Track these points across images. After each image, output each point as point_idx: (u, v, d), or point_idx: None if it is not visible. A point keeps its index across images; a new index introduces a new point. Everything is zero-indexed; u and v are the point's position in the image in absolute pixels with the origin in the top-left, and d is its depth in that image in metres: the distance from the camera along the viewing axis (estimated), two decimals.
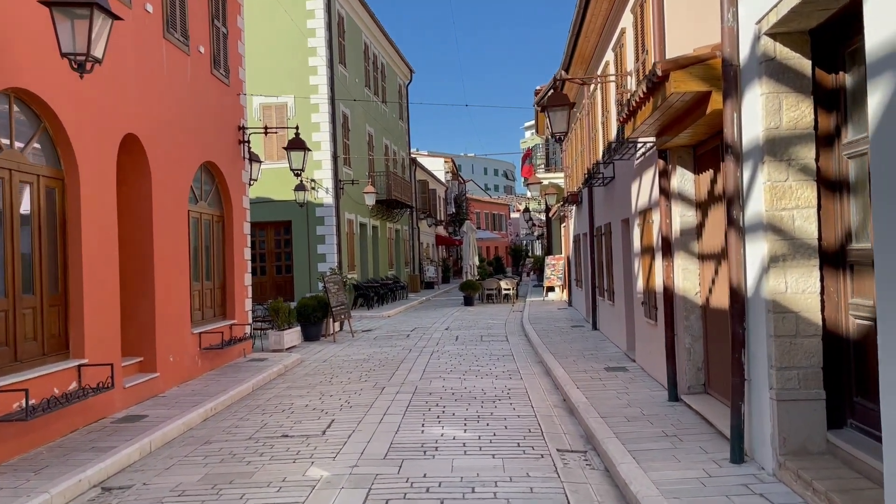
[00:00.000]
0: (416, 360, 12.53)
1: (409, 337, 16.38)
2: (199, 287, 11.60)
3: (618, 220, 12.03)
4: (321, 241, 22.30)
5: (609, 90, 12.47)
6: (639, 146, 9.34)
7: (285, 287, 22.81)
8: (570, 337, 14.45)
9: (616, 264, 12.41)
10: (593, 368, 10.43)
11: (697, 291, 7.81)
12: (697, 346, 7.80)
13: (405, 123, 35.91)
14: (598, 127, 14.25)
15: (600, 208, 14.28)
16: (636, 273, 10.41)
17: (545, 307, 22.76)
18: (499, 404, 8.69)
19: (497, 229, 69.38)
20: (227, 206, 12.76)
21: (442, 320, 20.38)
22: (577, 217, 19.62)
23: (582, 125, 16.83)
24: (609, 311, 13.49)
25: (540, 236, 61.72)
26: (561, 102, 10.05)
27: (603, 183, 13.28)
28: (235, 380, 10.57)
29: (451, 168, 51.49)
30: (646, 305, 9.62)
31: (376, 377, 10.92)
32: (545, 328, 16.28)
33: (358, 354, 13.65)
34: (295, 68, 22.25)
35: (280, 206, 22.35)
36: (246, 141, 13.28)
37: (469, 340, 15.34)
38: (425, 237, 41.45)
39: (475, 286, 25.86)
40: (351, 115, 24.87)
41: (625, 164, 11.00)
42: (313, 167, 22.34)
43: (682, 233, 7.86)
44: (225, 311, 12.70)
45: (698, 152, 7.68)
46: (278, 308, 14.75)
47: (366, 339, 16.20)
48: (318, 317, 16.38)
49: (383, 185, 27.49)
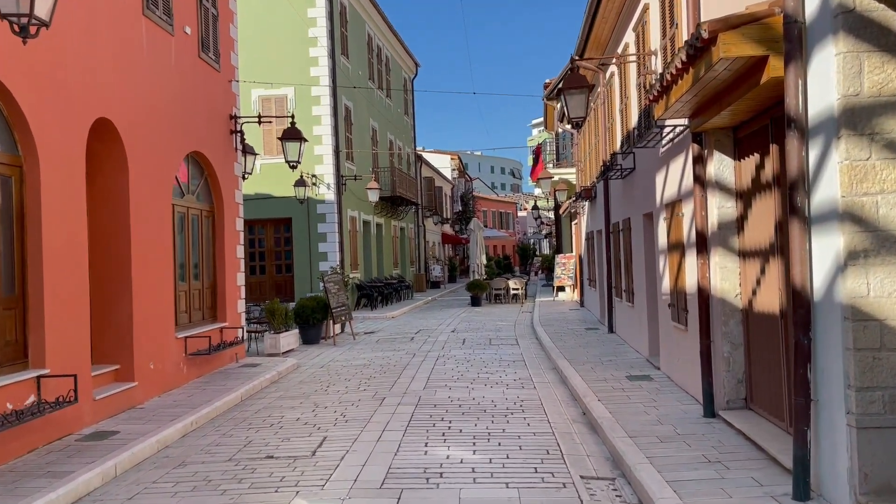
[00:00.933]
0: (419, 366, 11.63)
1: (413, 340, 15.49)
2: (185, 288, 10.73)
3: (639, 214, 11.10)
4: (322, 240, 21.42)
5: (629, 75, 11.54)
6: (665, 132, 8.41)
7: (285, 287, 21.95)
8: (585, 340, 13.52)
9: (636, 263, 11.48)
10: (614, 377, 9.51)
11: (738, 293, 6.88)
12: (738, 356, 6.87)
13: (410, 119, 35.01)
14: (615, 116, 13.32)
15: (618, 203, 13.35)
16: (661, 272, 9.49)
17: (556, 308, 21.83)
18: (511, 419, 7.78)
19: (504, 228, 68.45)
20: (218, 201, 11.88)
21: (448, 322, 19.48)
22: (590, 213, 18.69)
23: (596, 116, 15.89)
24: (628, 313, 12.56)
25: (548, 235, 60.82)
26: (579, 84, 9.15)
27: (621, 175, 12.35)
28: (223, 388, 9.70)
29: (457, 165, 50.58)
30: (674, 308, 8.69)
31: (376, 386, 10.03)
32: (557, 331, 15.36)
33: (358, 359, 12.77)
34: (295, 59, 21.38)
35: (280, 202, 21.48)
36: (238, 131, 12.41)
37: (477, 344, 14.44)
38: (431, 235, 40.56)
39: (482, 286, 24.96)
40: (354, 109, 23.99)
41: (647, 154, 10.08)
42: (314, 162, 21.48)
43: (721, 226, 6.93)
44: (215, 313, 11.83)
45: (739, 134, 6.75)
46: (274, 309, 13.88)
47: (367, 342, 15.32)
48: (318, 318, 15.51)
49: (387, 181, 26.59)
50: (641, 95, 10.25)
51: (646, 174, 10.39)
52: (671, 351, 8.98)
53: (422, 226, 36.42)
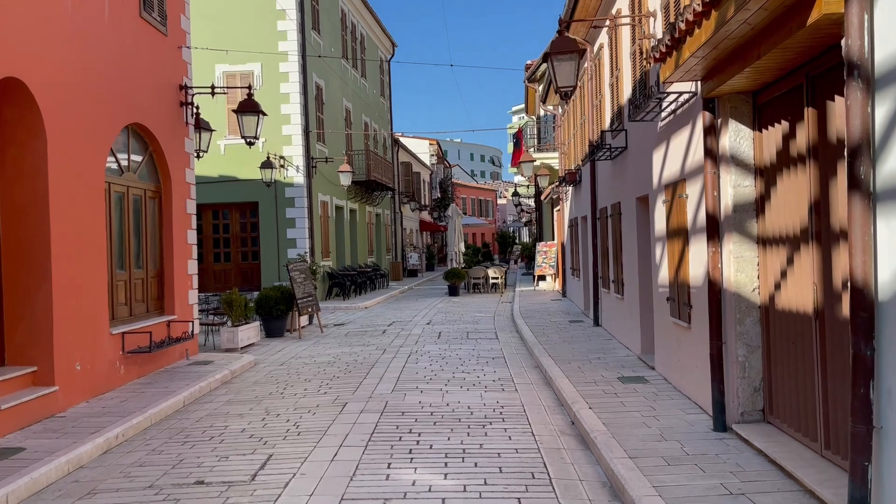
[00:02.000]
0: (389, 364, 10.56)
1: (385, 333, 14.40)
2: (125, 277, 9.54)
3: (631, 198, 10.08)
4: (291, 225, 20.20)
5: (620, 45, 10.49)
6: (667, 103, 7.37)
7: (252, 275, 20.73)
8: (570, 335, 12.52)
9: (628, 251, 10.48)
10: (604, 378, 8.50)
11: (755, 287, 5.88)
12: (755, 360, 5.88)
13: (387, 101, 33.74)
14: (604, 91, 12.27)
15: (606, 186, 12.33)
16: (658, 262, 8.47)
17: (537, 298, 20.85)
18: (490, 430, 6.73)
19: (484, 215, 67.44)
20: (166, 180, 10.67)
21: (424, 313, 18.41)
22: (574, 199, 17.67)
23: (582, 94, 14.84)
24: (616, 305, 11.57)
25: (528, 222, 59.87)
26: (568, 48, 8.05)
27: (610, 156, 11.31)
28: (164, 391, 8.55)
29: (436, 151, 49.38)
30: (673, 303, 7.69)
31: (339, 388, 8.94)
32: (539, 323, 14.36)
33: (323, 355, 11.66)
34: (262, 33, 20.06)
35: (246, 185, 20.22)
36: (189, 103, 11.17)
37: (453, 338, 13.39)
38: (408, 222, 39.40)
39: (461, 275, 23.91)
40: (326, 88, 22.72)
41: (643, 130, 9.04)
42: (282, 143, 20.23)
43: (736, 209, 5.91)
44: (162, 305, 10.64)
45: (760, 100, 5.72)
46: (232, 300, 12.70)
47: (336, 336, 14.20)
48: (282, 310, 14.36)
49: (362, 164, 25.38)
50: (637, 64, 9.21)
51: (640, 153, 9.35)
52: (670, 350, 7.98)
53: (398, 212, 35.26)
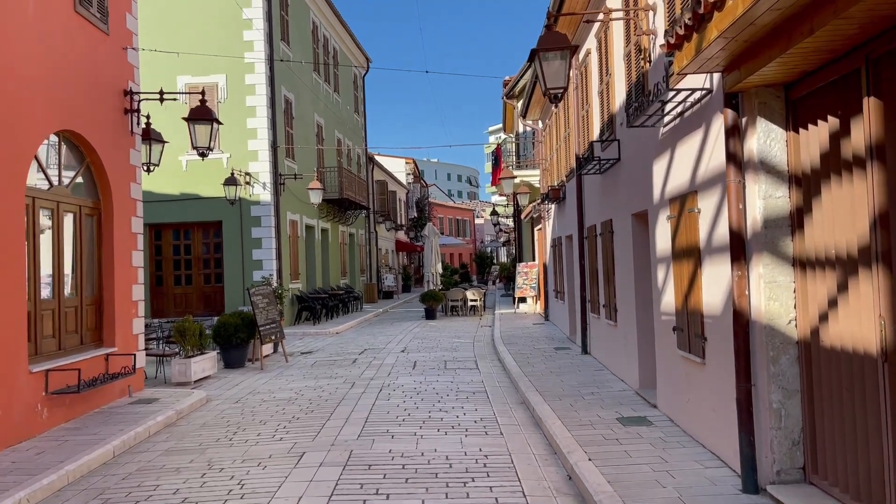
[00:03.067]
0: (358, 401, 9.42)
1: (355, 363, 13.24)
2: (52, 306, 8.34)
3: (625, 214, 9.11)
4: (257, 245, 19.00)
5: (611, 47, 9.59)
6: (669, 107, 6.43)
7: (214, 299, 19.46)
8: (557, 364, 11.48)
9: (621, 273, 9.49)
10: (601, 419, 7.46)
11: (792, 318, 4.89)
12: (793, 407, 4.87)
13: (361, 118, 32.75)
14: (591, 101, 11.36)
15: (595, 202, 11.38)
16: (661, 286, 7.48)
17: (518, 321, 19.81)
18: (473, 490, 5.64)
19: (461, 235, 66.52)
20: (106, 196, 9.51)
21: (398, 338, 17.28)
22: (557, 217, 16.73)
23: (567, 105, 13.95)
24: (608, 333, 10.56)
25: (506, 242, 59.03)
26: (557, 45, 7.07)
27: (600, 169, 10.36)
28: (93, 439, 7.34)
29: (412, 170, 48.45)
30: (681, 333, 6.69)
31: (298, 432, 7.79)
32: (522, 351, 13.30)
33: (285, 390, 10.49)
34: (228, 43, 19.00)
35: (209, 203, 19.03)
36: (135, 110, 10.05)
37: (430, 367, 12.28)
38: (384, 242, 38.29)
39: (438, 297, 22.82)
40: (296, 102, 21.67)
41: (640, 138, 8.10)
42: (248, 158, 19.10)
43: (767, 224, 4.93)
44: (101, 335, 9.43)
45: (795, 94, 4.77)
46: (185, 329, 11.49)
47: (301, 366, 13.02)
48: (243, 338, 13.16)
49: (335, 182, 24.30)
50: (632, 66, 8.29)
51: (637, 164, 8.40)
52: (677, 388, 6.97)
53: (373, 232, 34.15)
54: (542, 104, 18.24)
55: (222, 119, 19.01)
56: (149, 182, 19.07)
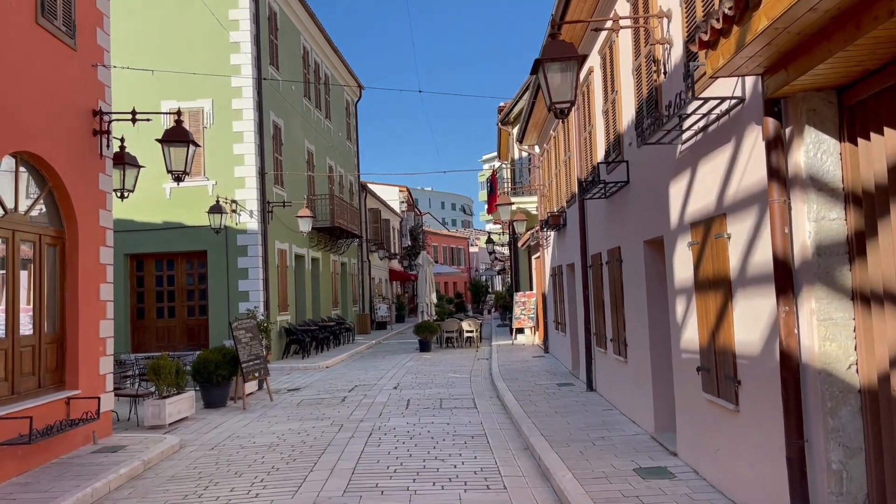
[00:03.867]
0: (345, 448, 8.57)
1: (344, 401, 12.38)
2: (4, 346, 7.52)
3: (636, 241, 8.38)
4: (243, 276, 18.19)
5: (618, 62, 8.94)
6: (690, 120, 5.74)
7: (199, 332, 18.59)
8: (561, 403, 10.66)
9: (632, 305, 8.73)
10: (616, 470, 6.64)
11: (852, 362, 4.13)
12: (856, 468, 4.09)
13: (354, 145, 32.15)
14: (595, 121, 10.71)
15: (600, 229, 10.66)
16: (681, 320, 6.73)
17: (516, 354, 18.98)
18: None
19: (456, 264, 65.76)
20: (71, 224, 8.74)
21: (391, 373, 16.42)
22: (557, 245, 16.01)
23: (568, 127, 13.31)
24: (617, 369, 9.77)
25: (501, 271, 58.29)
26: (563, 54, 6.39)
27: (605, 193, 9.65)
28: (44, 498, 6.48)
29: (406, 198, 47.85)
30: (708, 374, 5.91)
31: (276, 486, 6.94)
32: (523, 387, 12.48)
33: (266, 434, 9.63)
34: (214, 67, 18.38)
35: (193, 232, 18.24)
36: (106, 132, 9.33)
37: (424, 407, 11.43)
38: (377, 271, 37.49)
39: (432, 328, 21.97)
40: (285, 128, 21.03)
41: (653, 158, 7.41)
42: (234, 185, 18.37)
43: (820, 251, 4.19)
44: (62, 377, 8.59)
45: (851, 99, 4.07)
46: (159, 367, 10.66)
47: (287, 405, 12.15)
48: (224, 375, 12.31)
49: (326, 210, 23.58)
50: (643, 80, 7.62)
51: (649, 187, 7.70)
52: (703, 436, 6.17)
53: (366, 261, 33.37)
54: (539, 128, 17.63)
55: (208, 145, 18.40)
56: (130, 211, 18.32)
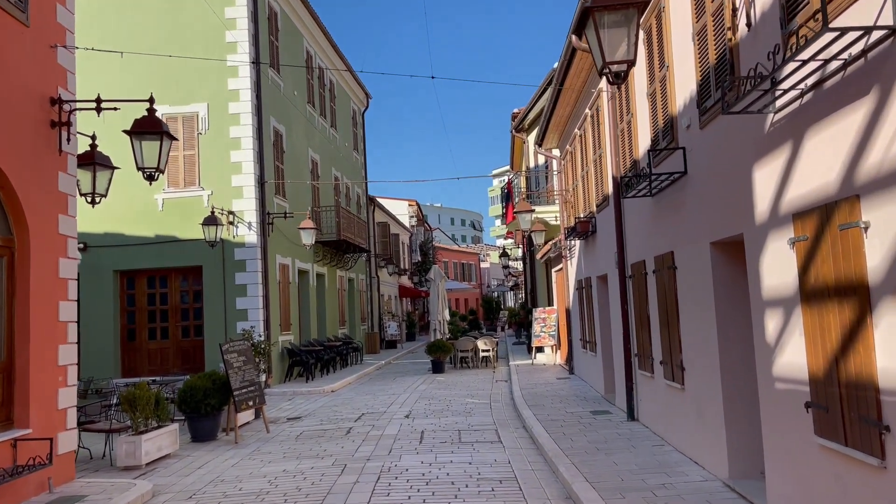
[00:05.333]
0: (348, 497, 7.09)
1: (349, 433, 10.90)
2: None
3: (699, 243, 6.92)
4: (241, 293, 16.79)
5: (669, 30, 7.54)
6: (791, 83, 4.31)
7: (193, 354, 17.17)
8: (601, 436, 9.15)
9: (692, 321, 7.24)
10: None
11: None
12: None
13: (361, 156, 30.85)
14: (635, 107, 9.29)
15: (643, 232, 9.20)
16: (775, 340, 5.24)
17: (538, 375, 17.45)
18: None
19: (467, 280, 64.26)
20: (21, 230, 7.36)
21: (402, 397, 14.93)
22: (583, 255, 14.54)
23: (599, 121, 11.90)
24: (669, 397, 8.26)
25: (514, 286, 56.70)
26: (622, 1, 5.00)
27: (651, 190, 8.19)
28: None
29: (416, 212, 46.48)
30: (826, 414, 4.43)
31: None
32: (552, 416, 10.97)
33: (256, 477, 8.16)
34: (210, 68, 17.12)
35: (188, 246, 16.90)
36: (66, 123, 7.96)
37: (441, 440, 9.93)
38: (386, 288, 36.06)
39: (446, 348, 20.46)
40: (287, 135, 19.72)
41: (721, 140, 5.97)
42: (231, 195, 17.02)
43: None
44: (11, 413, 7.17)
45: None
46: (135, 398, 9.23)
47: (284, 438, 10.69)
48: (214, 405, 10.89)
49: (332, 223, 22.22)
50: (708, 45, 6.20)
51: (719, 174, 6.25)
52: (820, 497, 4.66)
53: (375, 277, 31.95)
54: (561, 128, 16.23)
55: (203, 153, 17.09)
56: (119, 223, 17.02)
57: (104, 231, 17.00)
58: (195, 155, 17.08)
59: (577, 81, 12.46)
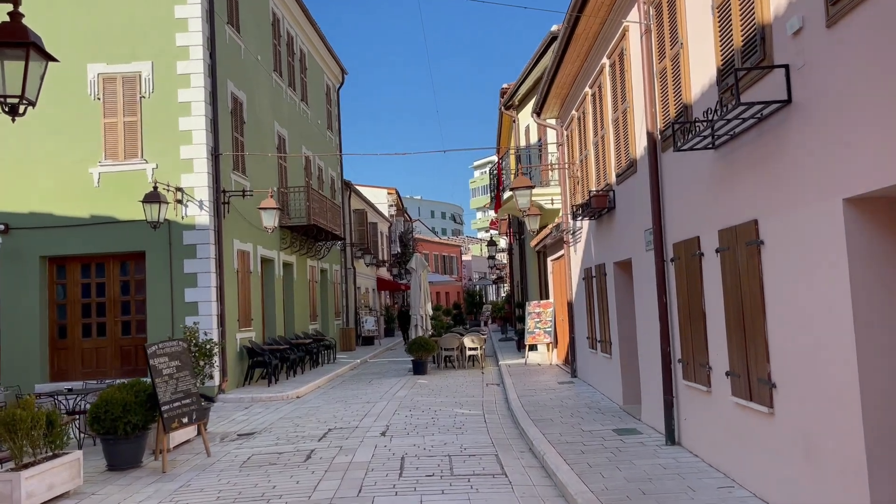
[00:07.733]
0: None
1: (309, 459, 8.58)
2: None
3: (812, 209, 4.68)
4: (191, 283, 14.35)
5: None
6: None
7: (136, 355, 14.70)
8: (640, 471, 6.91)
9: (792, 320, 5.01)
10: None
11: None
12: None
13: (336, 136, 28.36)
14: (685, 31, 7.03)
15: (693, 200, 6.95)
16: None
17: (534, 378, 15.23)
18: None
19: (448, 273, 61.97)
20: None
21: (379, 407, 12.61)
22: (594, 238, 12.30)
23: (621, 68, 9.65)
24: (741, 421, 6.04)
25: (498, 279, 54.53)
26: None
27: (712, 141, 5.94)
28: None
29: (395, 201, 44.05)
30: None
31: None
32: (566, 436, 8.74)
33: None
34: (154, 23, 14.64)
35: (129, 229, 14.43)
36: None
37: (426, 473, 7.64)
38: (364, 280, 33.67)
39: (429, 346, 18.16)
40: (248, 103, 17.26)
41: (861, 46, 3.73)
42: (180, 169, 14.57)
43: None
44: None
45: None
46: (14, 420, 6.84)
47: (225, 466, 8.35)
48: (136, 423, 8.52)
49: (301, 206, 19.79)
50: None
51: (864, 95, 4.01)
52: None
53: (351, 268, 29.54)
54: (564, 93, 13.98)
55: (147, 119, 14.60)
56: (47, 202, 14.49)
57: (29, 210, 14.48)
58: (137, 122, 14.58)
59: (593, 24, 10.20)
